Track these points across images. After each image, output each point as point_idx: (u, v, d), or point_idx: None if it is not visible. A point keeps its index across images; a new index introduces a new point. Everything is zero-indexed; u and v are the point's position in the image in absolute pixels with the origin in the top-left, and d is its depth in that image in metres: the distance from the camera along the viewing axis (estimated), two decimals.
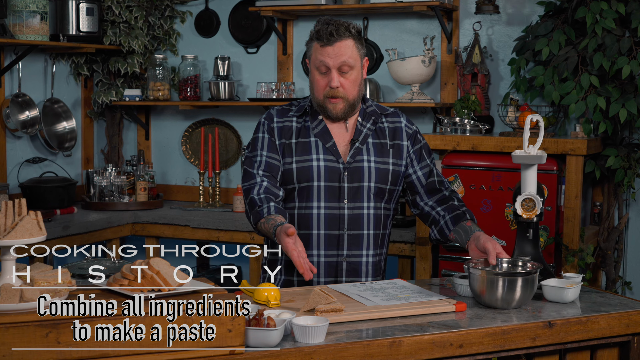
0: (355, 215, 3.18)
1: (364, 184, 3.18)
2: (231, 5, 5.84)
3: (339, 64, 3.09)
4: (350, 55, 3.10)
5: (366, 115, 3.27)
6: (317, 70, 3.14)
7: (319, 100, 3.17)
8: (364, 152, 3.21)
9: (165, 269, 2.38)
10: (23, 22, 5.14)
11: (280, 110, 3.28)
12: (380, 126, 3.27)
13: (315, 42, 3.13)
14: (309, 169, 3.16)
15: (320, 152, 3.18)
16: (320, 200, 3.16)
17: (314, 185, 3.16)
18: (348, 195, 3.17)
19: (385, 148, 3.24)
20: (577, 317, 2.73)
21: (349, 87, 3.13)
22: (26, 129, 5.42)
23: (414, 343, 2.48)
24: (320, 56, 3.11)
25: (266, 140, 3.22)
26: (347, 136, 3.23)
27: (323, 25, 3.12)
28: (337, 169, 3.17)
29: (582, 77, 4.48)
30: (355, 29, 3.14)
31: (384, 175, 3.21)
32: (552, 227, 4.34)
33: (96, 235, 5.12)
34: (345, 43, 3.10)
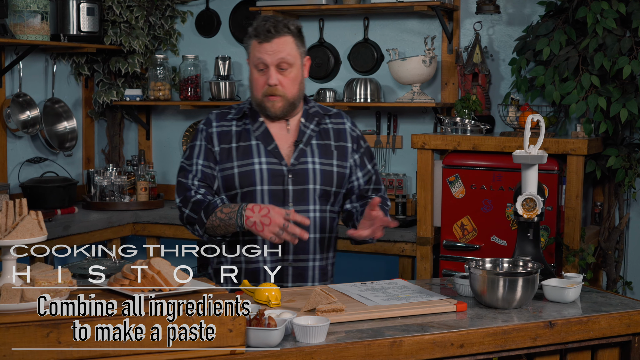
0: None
1: (309, 187, 3.11)
2: (232, 5, 5.84)
3: (277, 61, 3.03)
4: (289, 52, 3.04)
5: (309, 116, 3.20)
6: (256, 68, 3.06)
7: (258, 99, 3.10)
8: (308, 154, 3.14)
9: (166, 268, 2.38)
10: (24, 22, 5.14)
11: (220, 114, 3.20)
12: (324, 127, 3.21)
13: (253, 39, 3.05)
14: (251, 173, 3.08)
15: (262, 155, 3.10)
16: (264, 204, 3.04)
17: (257, 189, 3.08)
18: (293, 199, 3.09)
19: (330, 149, 3.18)
20: (577, 317, 2.73)
21: (288, 85, 3.07)
22: (27, 128, 5.42)
23: (414, 343, 2.48)
24: (258, 53, 3.04)
25: (203, 148, 3.14)
26: (290, 138, 3.16)
27: (261, 22, 3.05)
28: (280, 172, 3.09)
29: (582, 77, 4.48)
30: (294, 26, 3.08)
31: (329, 177, 3.15)
32: (552, 227, 4.34)
33: (97, 235, 5.12)
34: (284, 40, 3.04)
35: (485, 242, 4.50)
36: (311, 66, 5.56)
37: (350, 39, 5.54)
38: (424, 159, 4.66)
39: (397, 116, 5.44)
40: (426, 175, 4.66)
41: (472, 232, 4.53)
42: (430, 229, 4.69)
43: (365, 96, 5.30)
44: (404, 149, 5.44)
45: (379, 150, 5.48)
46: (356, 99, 5.31)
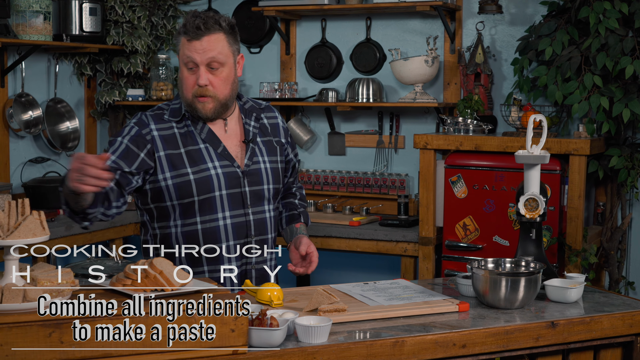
0: (260, 220, 3.03)
1: (263, 187, 3.03)
2: (234, 5, 5.84)
3: (208, 60, 2.86)
4: (220, 50, 2.87)
5: (246, 113, 3.10)
6: (185, 67, 2.90)
7: (188, 100, 2.93)
8: (258, 153, 3.05)
9: (167, 268, 2.38)
10: (26, 22, 5.14)
11: (154, 115, 3.00)
12: (262, 122, 3.13)
13: (182, 36, 2.88)
14: (208, 178, 2.94)
15: (214, 158, 2.97)
16: (224, 210, 2.96)
17: (216, 195, 2.95)
18: (250, 201, 3.00)
19: (273, 145, 3.11)
20: (580, 317, 2.73)
21: (220, 86, 2.91)
22: (29, 128, 5.42)
23: (417, 343, 2.48)
24: (187, 51, 2.86)
25: (123, 147, 2.90)
26: (235, 137, 3.04)
27: (191, 18, 2.88)
28: (236, 174, 2.98)
29: (585, 77, 4.48)
30: (227, 22, 2.91)
31: (277, 175, 3.09)
32: (555, 227, 4.34)
33: (99, 235, 5.12)
34: (215, 37, 2.87)
35: (488, 242, 4.50)
36: (313, 66, 5.63)
37: (353, 39, 5.54)
38: (427, 159, 4.65)
39: (399, 116, 5.44)
40: (428, 175, 4.66)
41: (475, 232, 4.53)
42: (432, 229, 4.69)
43: (368, 96, 5.30)
44: (406, 149, 5.44)
45: (381, 150, 5.48)
46: (358, 99, 5.31)
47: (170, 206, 2.97)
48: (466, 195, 4.53)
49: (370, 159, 5.54)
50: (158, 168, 2.94)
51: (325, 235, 4.96)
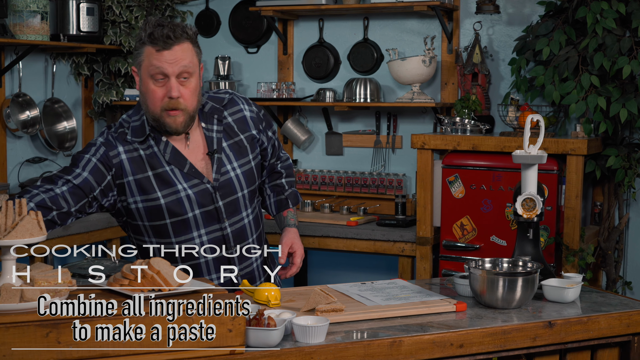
0: (239, 230, 2.97)
1: (237, 195, 2.94)
2: (231, 5, 5.84)
3: (179, 70, 2.72)
4: (190, 59, 2.75)
5: (207, 117, 2.95)
6: (152, 79, 2.73)
7: (155, 114, 2.78)
8: (226, 162, 2.93)
9: (165, 268, 2.38)
10: (23, 21, 5.14)
11: (118, 136, 2.86)
12: (226, 122, 2.97)
13: (149, 46, 2.72)
14: (179, 201, 2.84)
15: (182, 180, 2.85)
16: (199, 228, 2.89)
17: (189, 216, 2.86)
18: (226, 213, 2.92)
19: (242, 145, 2.98)
20: (577, 317, 2.73)
21: (189, 97, 2.78)
22: (26, 128, 5.42)
23: (414, 343, 2.48)
24: (156, 62, 2.71)
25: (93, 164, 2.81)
26: (199, 150, 2.92)
27: (156, 27, 2.72)
28: (207, 191, 2.88)
29: (582, 77, 4.48)
30: (192, 30, 2.80)
31: (251, 177, 3.00)
32: (552, 227, 4.34)
33: (96, 234, 5.12)
34: (184, 47, 2.73)
35: (485, 242, 4.50)
36: (311, 66, 5.63)
37: (350, 39, 5.54)
38: (424, 159, 4.66)
39: (396, 116, 5.45)
40: (426, 175, 4.66)
41: (472, 232, 4.53)
42: (430, 229, 4.69)
43: (365, 96, 5.30)
44: (403, 149, 5.44)
45: (378, 150, 5.48)
46: (356, 99, 5.31)
47: (142, 226, 2.91)
48: (463, 195, 4.53)
49: (367, 159, 5.54)
50: (127, 192, 2.85)
51: (322, 235, 4.96)
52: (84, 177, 2.77)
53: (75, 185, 2.76)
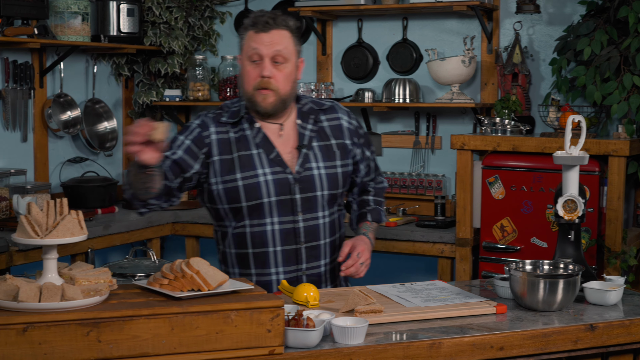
0: (311, 227, 3.01)
1: (317, 194, 3.00)
2: (270, 6, 5.84)
3: (273, 54, 2.88)
4: (286, 46, 2.90)
5: (304, 115, 3.07)
6: (249, 60, 2.91)
7: (249, 93, 2.94)
8: (312, 159, 3.02)
9: (204, 268, 2.38)
10: (65, 23, 5.19)
11: (214, 117, 3.02)
12: (321, 126, 3.08)
13: (250, 29, 2.91)
14: (256, 185, 2.94)
15: (266, 165, 2.96)
16: (273, 216, 2.96)
17: (265, 202, 2.95)
18: (301, 207, 2.99)
19: (331, 150, 3.06)
20: (619, 320, 2.70)
21: (282, 80, 2.91)
22: (68, 129, 5.47)
23: (454, 345, 2.47)
24: (253, 43, 2.89)
25: (186, 145, 2.96)
26: (289, 143, 3.03)
27: (259, 14, 2.94)
28: (286, 181, 2.96)
29: (624, 77, 4.43)
30: (294, 23, 2.96)
31: (334, 181, 3.04)
32: (594, 228, 4.30)
33: (136, 234, 5.15)
34: (282, 33, 2.90)
35: (526, 243, 4.46)
36: (350, 66, 5.62)
37: (389, 39, 5.52)
38: (463, 159, 4.63)
39: (436, 117, 5.42)
40: (465, 176, 4.64)
41: (512, 234, 4.49)
42: (469, 230, 4.66)
43: (404, 96, 5.28)
44: (443, 150, 5.42)
45: (417, 150, 5.46)
46: (395, 100, 5.29)
47: (222, 210, 3.01)
48: (504, 196, 4.50)
49: (406, 160, 5.52)
50: (211, 172, 2.97)
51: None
52: (180, 155, 2.93)
53: (173, 160, 2.92)
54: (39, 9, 4.94)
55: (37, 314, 2.13)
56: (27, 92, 5.17)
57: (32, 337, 2.10)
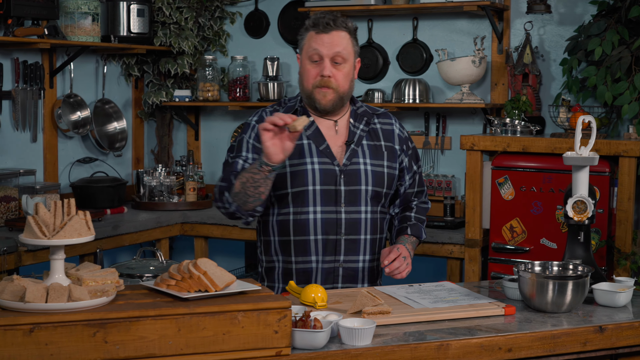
0: (353, 220, 3.07)
1: (361, 187, 3.08)
2: (281, 6, 5.84)
3: (333, 54, 3.00)
4: (345, 47, 3.03)
5: (358, 117, 3.17)
6: (309, 60, 3.02)
7: (308, 91, 3.05)
8: (360, 155, 3.11)
9: (212, 269, 2.38)
10: (75, 23, 5.20)
11: (271, 112, 3.14)
12: (373, 127, 3.18)
13: (311, 30, 3.03)
14: (303, 172, 3.04)
15: (314, 154, 3.06)
16: (316, 204, 3.04)
17: (309, 189, 3.04)
18: (345, 199, 3.06)
19: (380, 150, 3.15)
20: (629, 321, 2.69)
21: (341, 80, 3.03)
22: (77, 129, 5.48)
23: (462, 346, 2.46)
24: (314, 44, 3.00)
25: (251, 146, 3.08)
26: (340, 138, 3.13)
27: (320, 15, 3.04)
28: (332, 172, 3.06)
29: (635, 77, 4.41)
30: (352, 24, 3.09)
31: (380, 179, 3.12)
32: (604, 229, 4.28)
33: (145, 235, 5.15)
34: (341, 34, 3.03)
35: (535, 244, 4.45)
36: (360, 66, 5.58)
37: (399, 39, 5.51)
38: (473, 160, 4.61)
39: (446, 117, 5.41)
40: (475, 177, 4.62)
41: (522, 235, 4.48)
42: (478, 231, 4.64)
43: (414, 97, 5.27)
44: (452, 150, 5.40)
45: (427, 151, 5.45)
46: (405, 100, 5.28)
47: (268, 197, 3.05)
48: (513, 197, 4.48)
49: None
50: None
51: None
52: (251, 157, 3.06)
53: (248, 163, 3.04)
54: (49, 9, 4.95)
55: (43, 315, 2.13)
56: (37, 92, 5.19)
57: (38, 338, 2.10)
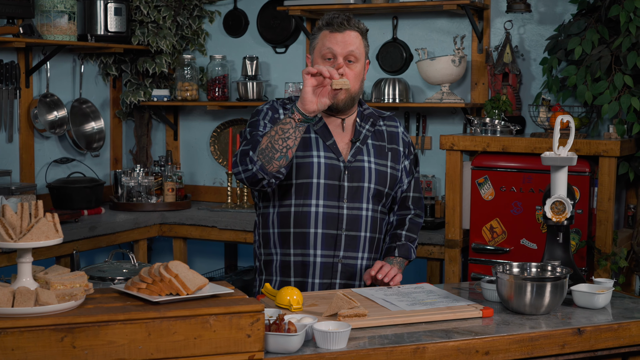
0: (354, 216, 3.12)
1: (364, 185, 3.13)
2: (259, 5, 5.80)
3: (346, 53, 3.06)
4: (357, 47, 3.09)
5: (364, 117, 3.24)
6: (322, 58, 3.08)
7: None
8: (364, 153, 3.17)
9: (183, 272, 2.33)
10: (51, 22, 5.14)
11: (282, 103, 3.22)
12: (378, 128, 3.25)
13: (325, 29, 3.10)
14: (309, 165, 3.09)
15: (321, 149, 3.12)
16: (319, 198, 3.09)
17: (314, 182, 3.08)
18: (347, 195, 3.11)
19: (384, 150, 3.22)
20: (607, 323, 2.66)
21: (353, 79, 3.08)
22: (54, 129, 5.41)
23: (438, 350, 2.42)
24: (328, 43, 3.07)
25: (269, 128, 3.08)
26: (346, 136, 3.19)
27: (334, 15, 3.10)
28: (337, 167, 3.11)
29: (615, 76, 4.39)
30: (364, 25, 3.15)
31: (383, 178, 3.18)
32: (584, 230, 4.26)
33: (123, 236, 5.10)
34: (354, 35, 3.09)
35: (515, 245, 4.42)
36: None
37: (379, 38, 5.48)
38: (453, 160, 4.59)
39: (426, 117, 5.38)
40: (455, 177, 4.59)
41: (502, 235, 4.45)
42: (458, 232, 4.61)
43: (394, 96, 5.24)
44: (433, 150, 5.37)
45: None
46: (384, 99, 5.25)
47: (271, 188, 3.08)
48: (493, 197, 4.46)
49: None
50: None
51: None
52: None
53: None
54: (24, 7, 4.89)
55: (10, 319, 2.08)
56: (12, 92, 5.12)
57: (5, 343, 2.05)
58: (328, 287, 3.10)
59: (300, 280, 3.11)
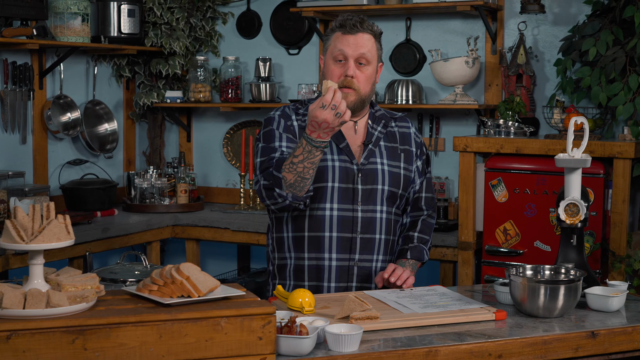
0: (368, 219, 3.10)
1: (377, 187, 3.12)
2: (273, 6, 5.79)
3: (358, 55, 3.04)
4: (370, 49, 3.07)
5: (376, 119, 3.22)
6: (333, 60, 3.06)
7: None
8: (377, 155, 3.15)
9: (195, 274, 2.33)
10: (64, 23, 5.15)
11: (294, 108, 3.19)
12: (390, 130, 3.23)
13: (338, 31, 3.08)
14: (323, 169, 3.06)
15: (335, 152, 3.10)
16: (333, 201, 3.07)
17: (328, 186, 3.07)
18: (362, 198, 3.09)
19: (397, 152, 3.20)
20: (622, 327, 2.64)
21: (363, 81, 3.06)
22: (67, 130, 5.42)
23: (450, 353, 2.41)
24: (340, 44, 3.05)
25: (284, 137, 3.09)
26: (359, 138, 3.17)
27: (347, 16, 3.09)
28: (351, 170, 3.09)
29: (630, 78, 4.37)
30: (377, 28, 3.14)
31: (396, 179, 3.16)
32: (598, 232, 4.23)
33: (136, 237, 5.10)
34: (366, 37, 3.07)
35: (529, 247, 4.40)
36: None
37: (392, 39, 5.46)
38: (466, 161, 4.57)
39: (439, 118, 5.36)
40: (468, 179, 4.58)
41: (515, 237, 4.43)
42: (472, 234, 4.60)
43: (407, 98, 5.23)
44: (446, 152, 5.35)
45: None
46: (398, 101, 5.24)
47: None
48: (507, 199, 4.44)
49: None
50: None
51: None
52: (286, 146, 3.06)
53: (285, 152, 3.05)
54: (38, 9, 4.90)
55: (21, 321, 2.08)
56: (26, 93, 5.14)
57: (16, 345, 2.05)
58: (344, 290, 3.09)
59: (315, 284, 3.10)
